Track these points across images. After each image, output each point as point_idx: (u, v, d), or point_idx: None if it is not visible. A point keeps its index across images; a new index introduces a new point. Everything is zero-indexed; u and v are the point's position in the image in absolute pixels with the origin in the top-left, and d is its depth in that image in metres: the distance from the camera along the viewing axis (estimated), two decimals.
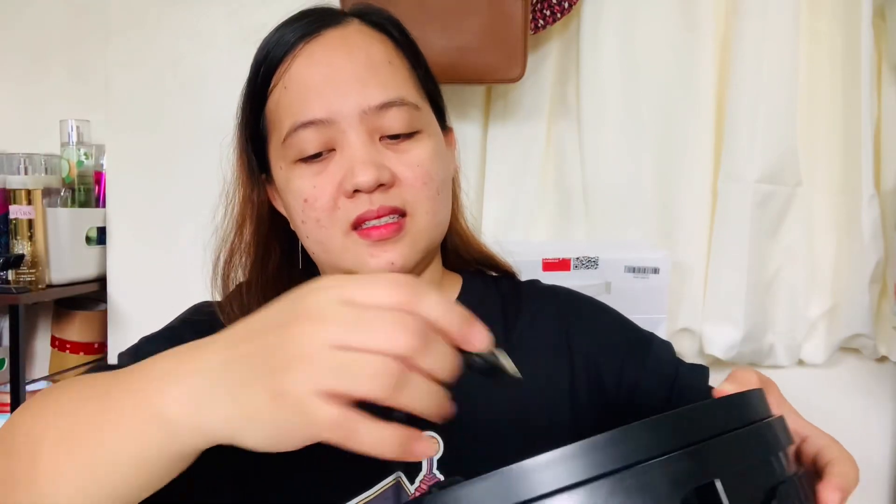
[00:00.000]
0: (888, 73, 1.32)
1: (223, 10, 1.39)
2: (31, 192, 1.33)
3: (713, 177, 1.35)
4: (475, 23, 1.19)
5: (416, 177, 0.64)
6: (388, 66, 0.65)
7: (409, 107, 0.64)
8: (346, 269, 0.65)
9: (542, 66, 1.35)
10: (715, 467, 0.35)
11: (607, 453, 0.33)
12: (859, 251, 1.31)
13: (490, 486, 0.34)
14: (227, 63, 1.35)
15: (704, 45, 1.33)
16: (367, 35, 0.67)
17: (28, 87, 1.56)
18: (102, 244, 1.45)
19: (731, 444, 0.36)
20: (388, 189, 0.63)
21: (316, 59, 0.65)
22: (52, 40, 1.55)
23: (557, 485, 0.33)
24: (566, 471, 0.33)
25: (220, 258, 0.72)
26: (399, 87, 0.65)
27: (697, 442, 0.35)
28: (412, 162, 0.64)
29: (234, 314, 0.67)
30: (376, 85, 0.64)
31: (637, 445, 0.34)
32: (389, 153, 0.64)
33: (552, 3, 1.28)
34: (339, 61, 0.64)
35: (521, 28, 1.19)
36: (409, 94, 0.66)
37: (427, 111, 0.68)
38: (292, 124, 0.64)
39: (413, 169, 0.64)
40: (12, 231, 1.33)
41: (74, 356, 1.52)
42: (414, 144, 0.65)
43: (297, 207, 0.65)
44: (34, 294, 1.33)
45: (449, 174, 0.70)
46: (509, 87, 1.33)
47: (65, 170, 1.46)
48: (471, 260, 0.78)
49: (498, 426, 0.64)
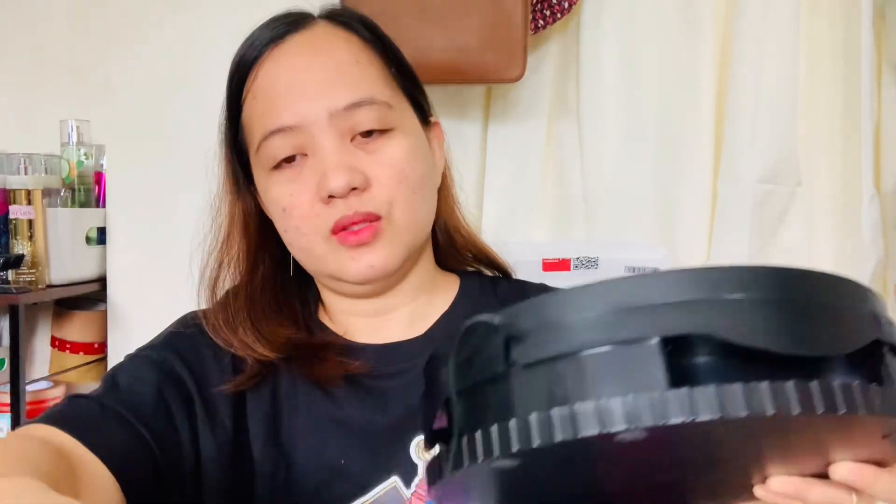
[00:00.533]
0: (888, 73, 1.32)
1: (223, 10, 1.39)
2: (31, 193, 1.33)
3: (713, 177, 1.35)
4: (475, 23, 1.19)
5: (390, 176, 0.63)
6: (356, 65, 0.65)
7: (378, 105, 0.63)
8: (330, 273, 0.65)
9: (542, 66, 1.35)
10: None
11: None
12: (859, 251, 1.31)
13: (602, 290, 0.33)
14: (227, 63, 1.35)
15: (704, 45, 1.33)
16: (334, 35, 0.66)
17: (28, 87, 1.56)
18: (102, 244, 1.45)
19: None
20: (363, 192, 0.62)
21: (281, 64, 0.64)
22: (53, 40, 1.55)
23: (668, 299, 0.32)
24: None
25: (206, 268, 0.71)
26: (369, 86, 0.64)
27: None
28: (385, 161, 0.63)
29: (218, 326, 0.66)
30: (343, 85, 0.63)
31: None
32: (362, 154, 0.63)
33: (552, 3, 1.28)
34: (304, 65, 0.64)
35: (521, 28, 1.19)
36: (380, 93, 0.64)
37: (402, 108, 0.67)
38: (263, 133, 0.64)
39: (386, 169, 0.63)
40: (12, 231, 1.33)
41: (74, 356, 1.52)
42: (387, 143, 0.64)
43: (278, 216, 0.65)
44: (34, 294, 1.33)
45: (430, 170, 0.68)
46: (509, 87, 1.33)
47: (65, 170, 1.46)
48: (468, 257, 0.77)
49: None
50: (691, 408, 0.30)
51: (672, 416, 0.30)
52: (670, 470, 0.40)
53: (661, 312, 0.32)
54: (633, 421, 0.30)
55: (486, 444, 0.33)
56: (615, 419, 0.30)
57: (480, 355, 0.35)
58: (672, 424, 0.30)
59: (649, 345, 0.32)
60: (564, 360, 0.33)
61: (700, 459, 0.38)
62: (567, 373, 0.33)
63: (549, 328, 0.34)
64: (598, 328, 0.33)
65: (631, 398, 0.31)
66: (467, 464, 0.34)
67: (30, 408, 1.34)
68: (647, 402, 0.30)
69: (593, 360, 0.32)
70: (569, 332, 0.33)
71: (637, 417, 0.30)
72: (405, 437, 0.63)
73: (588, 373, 0.32)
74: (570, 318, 0.33)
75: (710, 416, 0.30)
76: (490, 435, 0.33)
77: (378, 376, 0.66)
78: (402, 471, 0.62)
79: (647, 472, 0.39)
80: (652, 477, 0.41)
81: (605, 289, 0.33)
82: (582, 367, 0.33)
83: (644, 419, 0.30)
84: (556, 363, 0.33)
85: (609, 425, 0.30)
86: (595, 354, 0.32)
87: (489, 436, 0.33)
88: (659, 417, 0.30)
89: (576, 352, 0.33)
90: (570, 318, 0.33)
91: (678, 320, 0.32)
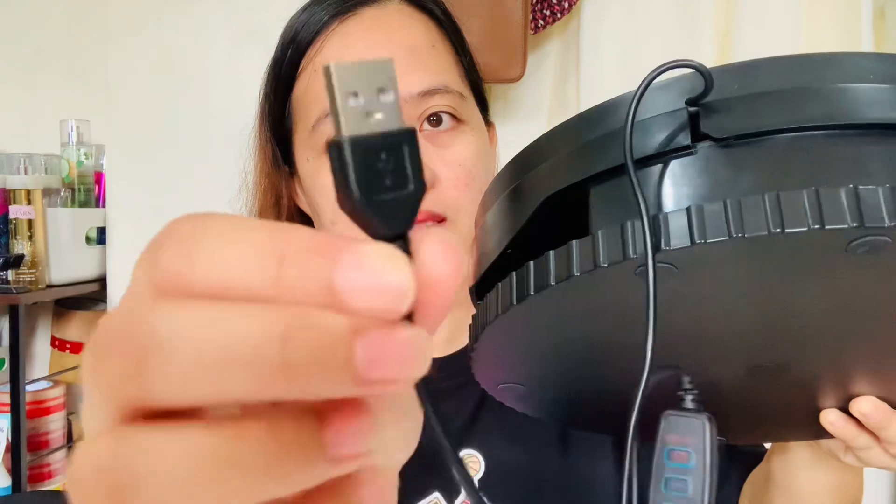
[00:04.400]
0: None
1: (223, 10, 1.39)
2: (30, 192, 1.33)
3: None
4: (475, 23, 1.19)
5: (458, 177, 0.58)
6: (432, 49, 0.60)
7: (453, 94, 0.59)
8: None
9: (542, 66, 1.35)
10: None
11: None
12: None
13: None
14: (227, 63, 1.35)
15: (704, 45, 1.33)
16: (409, 16, 0.61)
17: (28, 87, 1.56)
18: (102, 244, 1.45)
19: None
20: (430, 189, 0.57)
21: (351, 40, 0.59)
22: (52, 40, 1.55)
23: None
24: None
25: None
26: (443, 73, 0.59)
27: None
28: (454, 160, 0.59)
29: None
30: (420, 70, 0.58)
31: None
32: (430, 148, 0.58)
33: (552, 3, 1.28)
34: (378, 42, 0.58)
35: (521, 28, 1.19)
36: (454, 82, 0.60)
37: (471, 102, 0.63)
38: (324, 110, 0.58)
39: (454, 169, 0.58)
40: (12, 231, 1.33)
41: (74, 356, 1.52)
42: (457, 138, 0.59)
43: (326, 206, 0.59)
44: (34, 294, 1.33)
45: (491, 174, 0.65)
46: (509, 87, 1.33)
47: (65, 170, 1.46)
48: None
49: (537, 442, 0.61)
50: None
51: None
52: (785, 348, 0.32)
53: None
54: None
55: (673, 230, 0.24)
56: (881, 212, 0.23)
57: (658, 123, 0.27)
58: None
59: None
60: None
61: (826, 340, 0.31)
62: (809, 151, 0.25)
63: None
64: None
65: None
66: (633, 255, 0.25)
67: (30, 408, 1.34)
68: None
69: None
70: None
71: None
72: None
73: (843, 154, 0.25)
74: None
75: None
76: (671, 220, 0.24)
77: (435, 391, 0.64)
78: (443, 487, 0.59)
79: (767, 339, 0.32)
80: (759, 355, 0.33)
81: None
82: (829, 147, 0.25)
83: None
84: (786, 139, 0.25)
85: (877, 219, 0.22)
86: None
87: (673, 221, 0.24)
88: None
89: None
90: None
91: None
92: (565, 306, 0.29)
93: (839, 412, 0.40)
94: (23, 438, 1.29)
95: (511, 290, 0.29)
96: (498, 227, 0.32)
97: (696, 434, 0.31)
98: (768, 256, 0.25)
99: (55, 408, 1.44)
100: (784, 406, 0.40)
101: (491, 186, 0.34)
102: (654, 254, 0.24)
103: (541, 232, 0.30)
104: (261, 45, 0.70)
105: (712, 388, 0.36)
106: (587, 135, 0.29)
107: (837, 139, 0.25)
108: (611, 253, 0.25)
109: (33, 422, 1.39)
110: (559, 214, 0.30)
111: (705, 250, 0.24)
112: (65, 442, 1.47)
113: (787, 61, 0.27)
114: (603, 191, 0.28)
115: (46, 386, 1.45)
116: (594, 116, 0.29)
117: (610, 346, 0.29)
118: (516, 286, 0.29)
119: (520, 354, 0.35)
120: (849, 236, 0.23)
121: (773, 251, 0.24)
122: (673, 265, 0.25)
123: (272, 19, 0.68)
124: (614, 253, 0.25)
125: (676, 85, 0.28)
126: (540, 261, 0.28)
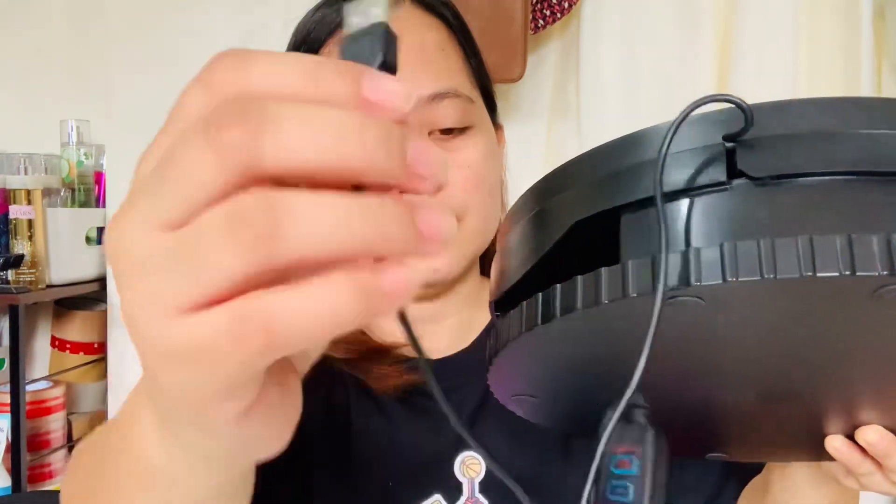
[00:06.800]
0: (888, 73, 1.32)
1: (223, 11, 1.39)
2: (31, 192, 1.33)
3: None
4: (475, 23, 1.18)
5: (466, 179, 0.59)
6: (441, 53, 0.60)
7: (462, 99, 0.59)
8: None
9: (542, 66, 1.35)
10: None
11: None
12: None
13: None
14: None
15: (704, 45, 1.33)
16: (420, 19, 0.61)
17: (28, 87, 1.56)
18: (102, 244, 1.45)
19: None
20: (437, 192, 0.56)
21: None
22: (53, 40, 1.55)
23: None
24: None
25: None
26: (452, 76, 0.60)
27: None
28: (463, 163, 0.59)
29: None
30: (428, 74, 0.58)
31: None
32: (439, 151, 0.58)
33: (552, 3, 1.28)
34: None
35: (521, 28, 1.19)
36: (463, 86, 0.60)
37: (480, 105, 0.63)
38: None
39: (463, 170, 0.58)
40: (12, 231, 1.33)
41: (74, 356, 1.52)
42: (466, 142, 0.59)
43: None
44: (34, 294, 1.33)
45: (499, 175, 0.65)
46: (509, 87, 1.33)
47: (65, 170, 1.46)
48: None
49: (538, 445, 0.60)
50: None
51: None
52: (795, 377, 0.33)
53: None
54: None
55: (688, 268, 0.25)
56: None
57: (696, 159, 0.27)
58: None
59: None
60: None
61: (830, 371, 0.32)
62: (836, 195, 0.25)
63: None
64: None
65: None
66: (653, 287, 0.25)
67: (30, 408, 1.34)
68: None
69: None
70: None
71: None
72: (453, 455, 0.59)
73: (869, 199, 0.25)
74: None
75: None
76: (700, 257, 0.25)
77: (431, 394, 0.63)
78: (444, 489, 0.59)
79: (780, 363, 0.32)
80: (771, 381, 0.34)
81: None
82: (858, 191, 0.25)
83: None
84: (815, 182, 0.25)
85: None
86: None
87: (704, 259, 0.25)
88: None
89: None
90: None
91: None
92: (588, 329, 0.30)
93: (844, 439, 0.40)
94: (23, 438, 1.29)
95: (537, 310, 0.30)
96: (523, 247, 0.33)
97: (640, 444, 0.32)
98: (795, 296, 0.26)
99: (55, 408, 1.44)
100: (789, 429, 0.41)
101: (516, 206, 0.35)
102: (666, 289, 0.25)
103: (562, 254, 0.31)
104: (261, 45, 0.70)
105: (717, 409, 0.37)
106: (620, 163, 0.30)
107: (873, 185, 0.26)
108: (640, 283, 0.26)
109: (33, 422, 1.39)
110: (583, 239, 0.30)
111: (735, 287, 0.25)
112: (65, 442, 1.47)
113: (825, 103, 0.27)
114: (635, 219, 0.29)
115: (46, 386, 1.45)
116: (627, 145, 0.30)
117: (626, 367, 0.30)
118: (542, 307, 0.29)
119: (537, 369, 0.36)
120: (877, 283, 0.24)
121: (800, 292, 0.26)
122: (701, 298, 0.26)
123: (272, 19, 0.68)
124: (643, 284, 0.26)
125: (712, 119, 0.28)
126: (567, 284, 0.29)
